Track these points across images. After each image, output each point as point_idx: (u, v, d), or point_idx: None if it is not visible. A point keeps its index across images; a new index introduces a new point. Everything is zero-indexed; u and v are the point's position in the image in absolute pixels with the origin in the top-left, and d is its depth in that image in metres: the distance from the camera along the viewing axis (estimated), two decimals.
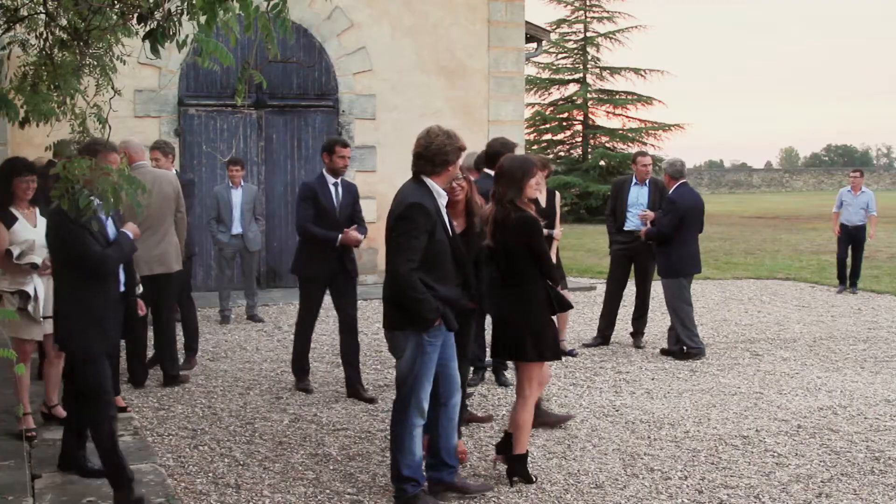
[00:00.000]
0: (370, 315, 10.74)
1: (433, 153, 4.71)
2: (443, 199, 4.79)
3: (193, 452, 5.66)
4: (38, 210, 5.77)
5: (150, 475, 5.07)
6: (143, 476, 5.04)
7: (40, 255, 5.58)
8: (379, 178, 13.16)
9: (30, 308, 5.65)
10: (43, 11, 4.81)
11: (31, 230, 5.66)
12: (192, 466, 5.41)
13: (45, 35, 4.82)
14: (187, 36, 4.02)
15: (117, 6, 4.29)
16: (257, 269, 11.10)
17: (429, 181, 4.75)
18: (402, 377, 4.74)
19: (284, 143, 12.83)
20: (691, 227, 8.51)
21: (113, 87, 4.97)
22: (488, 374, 7.52)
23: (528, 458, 5.21)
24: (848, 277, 13.09)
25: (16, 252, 5.58)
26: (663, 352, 8.70)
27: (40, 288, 5.69)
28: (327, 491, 5.00)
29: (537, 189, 5.18)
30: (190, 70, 12.19)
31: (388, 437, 5.95)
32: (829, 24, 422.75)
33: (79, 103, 4.83)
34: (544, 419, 6.13)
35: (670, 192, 8.61)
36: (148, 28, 4.07)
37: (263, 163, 12.71)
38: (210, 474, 5.27)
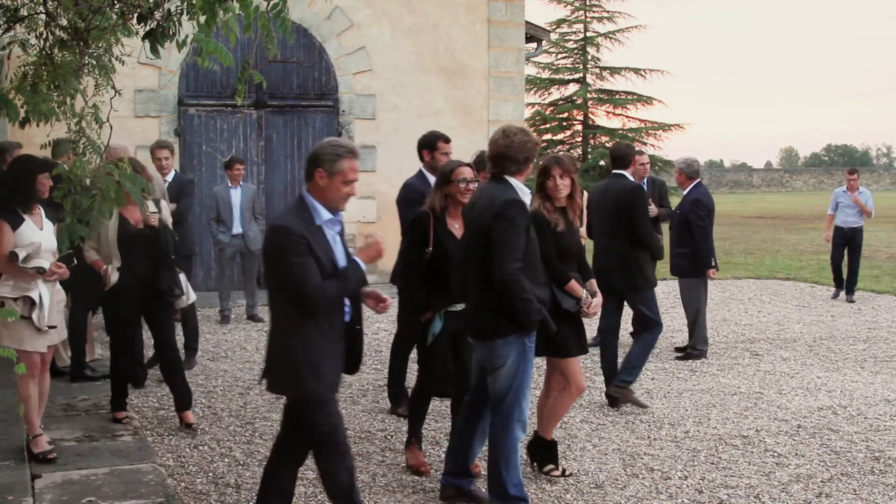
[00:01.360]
0: (369, 315, 10.71)
1: (516, 151, 4.56)
2: (528, 198, 4.66)
3: (193, 452, 5.66)
4: (43, 212, 5.44)
5: (150, 475, 5.07)
6: (144, 476, 5.05)
7: (47, 260, 5.27)
8: (379, 178, 13.16)
9: (34, 316, 5.26)
10: (43, 11, 4.81)
11: (36, 232, 5.32)
12: (192, 466, 5.41)
13: (45, 35, 4.82)
14: (187, 36, 4.03)
15: (117, 6, 4.30)
16: (257, 269, 11.09)
17: (512, 180, 4.59)
18: (503, 389, 4.55)
19: (284, 143, 12.83)
20: (711, 225, 8.56)
21: (113, 87, 4.97)
22: None
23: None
24: (844, 283, 12.33)
25: (21, 255, 5.17)
26: (678, 350, 8.75)
27: (45, 294, 5.31)
28: None
29: (555, 189, 5.11)
30: (190, 70, 12.19)
31: (384, 437, 5.97)
32: (829, 24, 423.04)
33: (79, 103, 4.83)
34: None
35: (687, 191, 8.57)
36: (148, 28, 4.08)
37: (263, 163, 12.71)
38: (210, 474, 5.27)
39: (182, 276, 6.32)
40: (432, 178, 6.33)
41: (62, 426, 6.02)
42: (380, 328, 9.92)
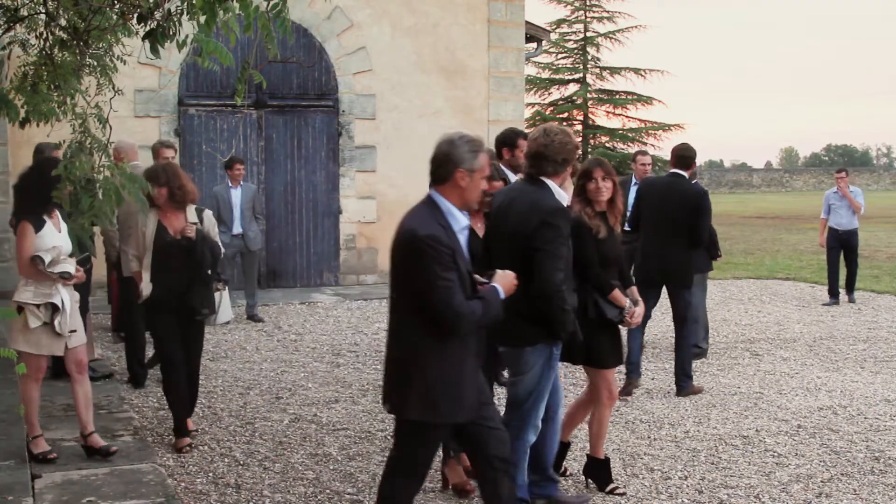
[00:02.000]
0: (370, 315, 10.74)
1: (554, 152, 4.41)
2: (565, 202, 4.53)
3: (193, 452, 5.66)
4: (59, 214, 5.34)
5: (150, 475, 5.07)
6: (143, 476, 5.05)
7: (70, 264, 5.23)
8: (379, 178, 13.17)
9: (56, 322, 5.19)
10: (43, 11, 4.80)
11: (56, 235, 5.24)
12: (192, 466, 5.42)
13: (45, 35, 4.82)
14: (187, 36, 4.03)
15: (117, 6, 4.29)
16: (257, 269, 11.10)
17: (550, 182, 4.44)
18: (524, 394, 4.48)
19: (284, 143, 12.84)
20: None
21: (113, 87, 4.96)
22: None
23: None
24: (845, 286, 12.02)
25: (47, 259, 5.10)
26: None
27: (66, 299, 5.24)
28: (327, 491, 5.00)
29: (597, 192, 4.94)
30: (190, 70, 12.20)
31: (384, 437, 5.97)
32: (829, 24, 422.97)
33: (79, 103, 4.82)
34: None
35: None
36: (148, 28, 4.07)
37: (263, 163, 12.72)
38: (210, 474, 5.27)
39: (222, 294, 5.96)
40: (513, 176, 6.00)
41: (62, 426, 6.01)
42: (380, 328, 9.92)
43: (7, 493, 4.69)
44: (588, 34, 27.88)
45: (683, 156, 7.38)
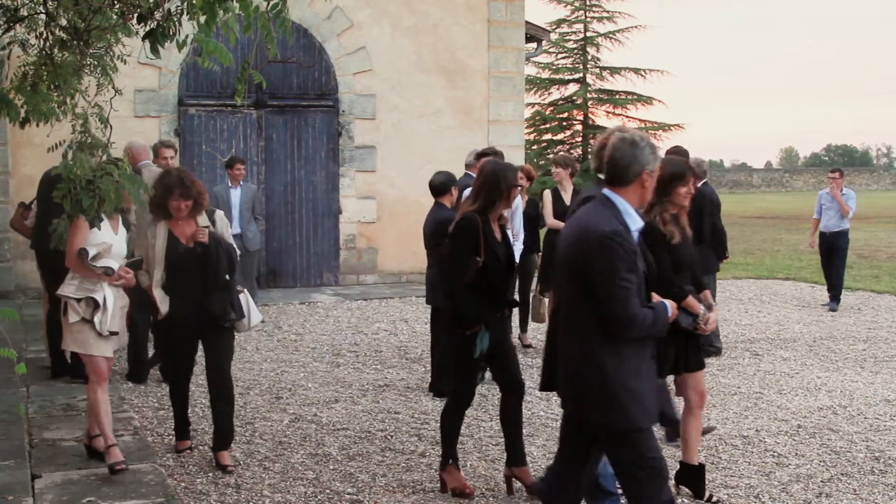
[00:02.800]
0: (370, 315, 10.74)
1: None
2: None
3: (193, 452, 5.66)
4: (121, 219, 5.29)
5: (150, 475, 5.07)
6: (144, 476, 5.05)
7: (115, 262, 5.16)
8: (379, 178, 13.17)
9: (96, 319, 5.09)
10: (43, 11, 4.80)
11: (110, 235, 5.19)
12: (192, 466, 5.41)
13: (45, 35, 4.82)
14: (187, 36, 4.03)
15: (117, 6, 4.30)
16: (257, 269, 11.10)
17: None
18: None
19: (284, 142, 12.84)
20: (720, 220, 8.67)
21: (114, 87, 4.96)
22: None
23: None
24: (829, 290, 11.68)
25: (92, 252, 5.07)
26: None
27: (109, 298, 5.14)
28: (327, 491, 5.00)
29: (688, 197, 4.85)
30: (190, 70, 12.20)
31: (384, 437, 5.97)
32: (828, 24, 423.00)
33: (80, 103, 4.82)
34: None
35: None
36: (148, 28, 4.07)
37: (263, 163, 12.72)
38: (210, 474, 5.27)
39: (244, 296, 5.58)
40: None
41: (62, 426, 6.01)
42: (380, 328, 9.92)
43: (7, 493, 4.70)
44: (588, 34, 27.90)
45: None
